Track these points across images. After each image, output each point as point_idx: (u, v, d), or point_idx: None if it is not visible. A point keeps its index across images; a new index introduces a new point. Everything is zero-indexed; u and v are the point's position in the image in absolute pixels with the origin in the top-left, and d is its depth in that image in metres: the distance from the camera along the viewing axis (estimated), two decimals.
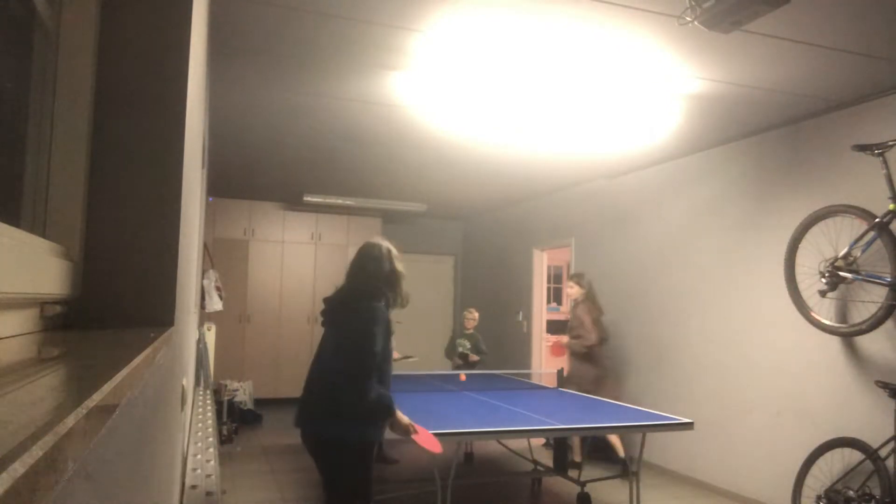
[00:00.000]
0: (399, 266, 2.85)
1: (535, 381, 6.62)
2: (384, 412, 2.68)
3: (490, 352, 6.46)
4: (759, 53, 3.38)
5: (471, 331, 6.24)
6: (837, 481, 3.74)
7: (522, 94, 4.07)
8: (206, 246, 7.25)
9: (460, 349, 6.17)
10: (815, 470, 3.93)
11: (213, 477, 2.54)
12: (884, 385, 3.60)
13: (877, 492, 3.52)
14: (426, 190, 7.50)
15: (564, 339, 5.51)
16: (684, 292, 5.43)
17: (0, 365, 0.63)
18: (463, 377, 5.10)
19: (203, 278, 6.33)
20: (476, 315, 6.29)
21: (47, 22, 1.12)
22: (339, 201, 8.00)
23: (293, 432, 2.87)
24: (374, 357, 2.60)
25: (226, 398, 6.72)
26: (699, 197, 5.38)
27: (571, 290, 5.59)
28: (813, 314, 4.10)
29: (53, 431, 0.35)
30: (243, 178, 7.08)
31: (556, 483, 5.09)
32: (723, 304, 5.02)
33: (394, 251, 2.87)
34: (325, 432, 2.65)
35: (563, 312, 9.15)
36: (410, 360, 5.51)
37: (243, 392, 7.31)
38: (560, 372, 5.56)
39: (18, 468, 0.29)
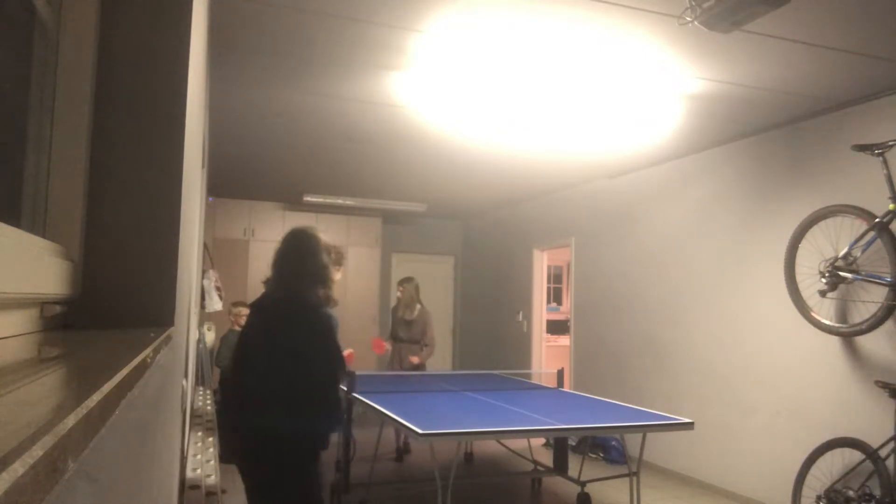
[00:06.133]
0: (328, 262, 2.59)
1: (535, 381, 6.62)
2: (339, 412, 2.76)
3: (486, 351, 6.41)
4: (759, 53, 3.38)
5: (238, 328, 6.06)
6: (837, 481, 3.74)
7: (522, 94, 4.07)
8: (206, 246, 7.24)
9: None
10: (815, 470, 3.93)
11: (213, 477, 2.54)
12: (884, 385, 3.60)
13: (877, 492, 3.52)
14: (426, 190, 7.50)
15: (417, 355, 5.80)
16: (684, 292, 5.43)
17: (0, 365, 0.63)
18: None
19: (203, 278, 6.32)
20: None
21: (47, 22, 1.12)
22: (339, 201, 7.99)
23: None
24: (343, 371, 2.70)
25: None
26: (699, 197, 5.37)
27: (403, 294, 5.98)
28: (813, 314, 4.10)
29: (53, 431, 0.35)
30: (243, 178, 7.08)
31: (556, 483, 5.09)
32: (723, 303, 5.02)
33: (327, 244, 2.61)
34: (284, 427, 2.45)
35: (564, 312, 9.15)
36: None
37: None
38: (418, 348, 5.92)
39: (18, 468, 0.29)
